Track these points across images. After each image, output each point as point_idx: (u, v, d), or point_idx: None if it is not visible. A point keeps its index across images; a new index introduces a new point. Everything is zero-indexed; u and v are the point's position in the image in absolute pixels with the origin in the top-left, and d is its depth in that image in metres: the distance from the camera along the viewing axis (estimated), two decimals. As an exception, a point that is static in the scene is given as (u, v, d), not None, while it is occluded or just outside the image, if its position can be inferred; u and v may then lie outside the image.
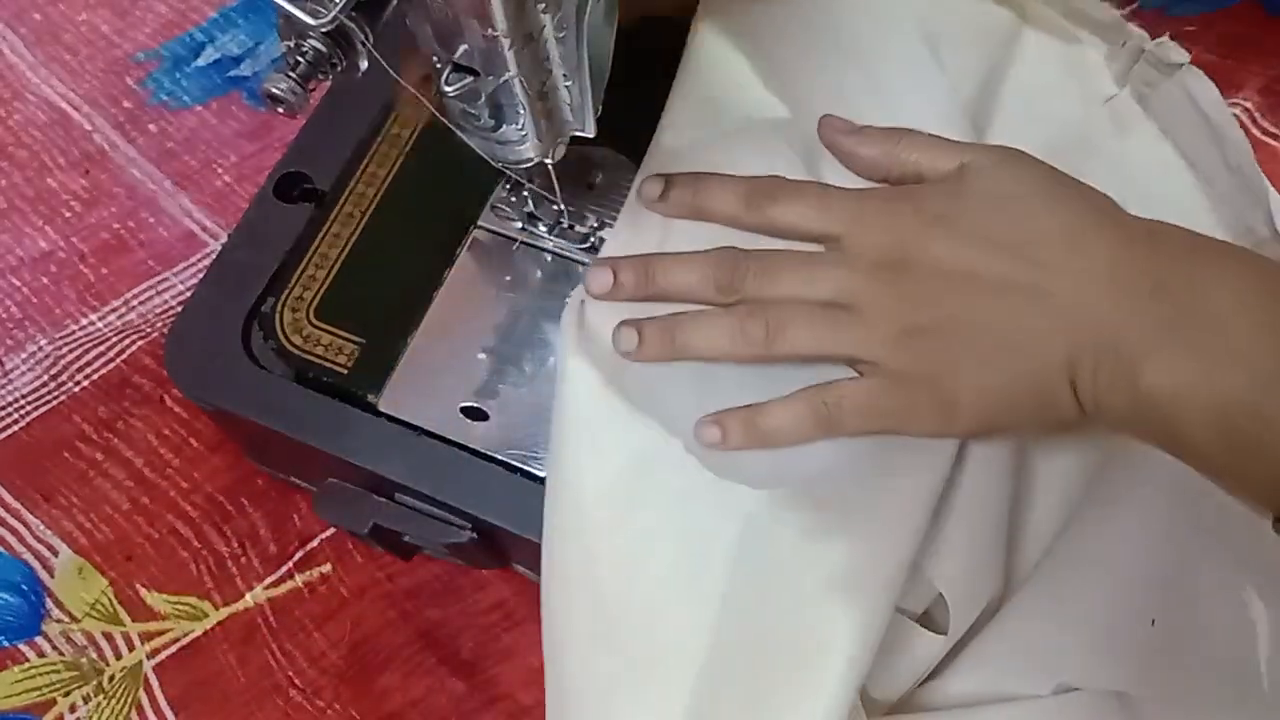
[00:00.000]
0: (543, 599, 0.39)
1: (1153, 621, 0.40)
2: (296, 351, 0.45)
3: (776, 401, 0.40)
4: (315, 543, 0.51)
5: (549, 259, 0.46)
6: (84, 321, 0.57)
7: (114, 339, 0.56)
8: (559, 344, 0.42)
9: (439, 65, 0.36)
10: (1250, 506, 0.38)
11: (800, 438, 0.40)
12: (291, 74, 0.33)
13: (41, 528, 0.52)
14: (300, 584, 0.50)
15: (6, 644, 0.50)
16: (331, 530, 0.51)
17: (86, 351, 0.56)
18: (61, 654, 0.49)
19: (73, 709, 0.48)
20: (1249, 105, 0.57)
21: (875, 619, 0.37)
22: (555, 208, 0.45)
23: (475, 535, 0.43)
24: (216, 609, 0.50)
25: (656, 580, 0.39)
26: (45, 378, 0.55)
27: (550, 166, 0.41)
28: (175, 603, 0.50)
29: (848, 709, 0.36)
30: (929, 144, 0.43)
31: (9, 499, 0.52)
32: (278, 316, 0.46)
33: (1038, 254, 0.38)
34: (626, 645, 0.38)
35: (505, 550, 0.47)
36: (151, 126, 0.62)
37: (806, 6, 0.49)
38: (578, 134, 0.39)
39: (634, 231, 0.44)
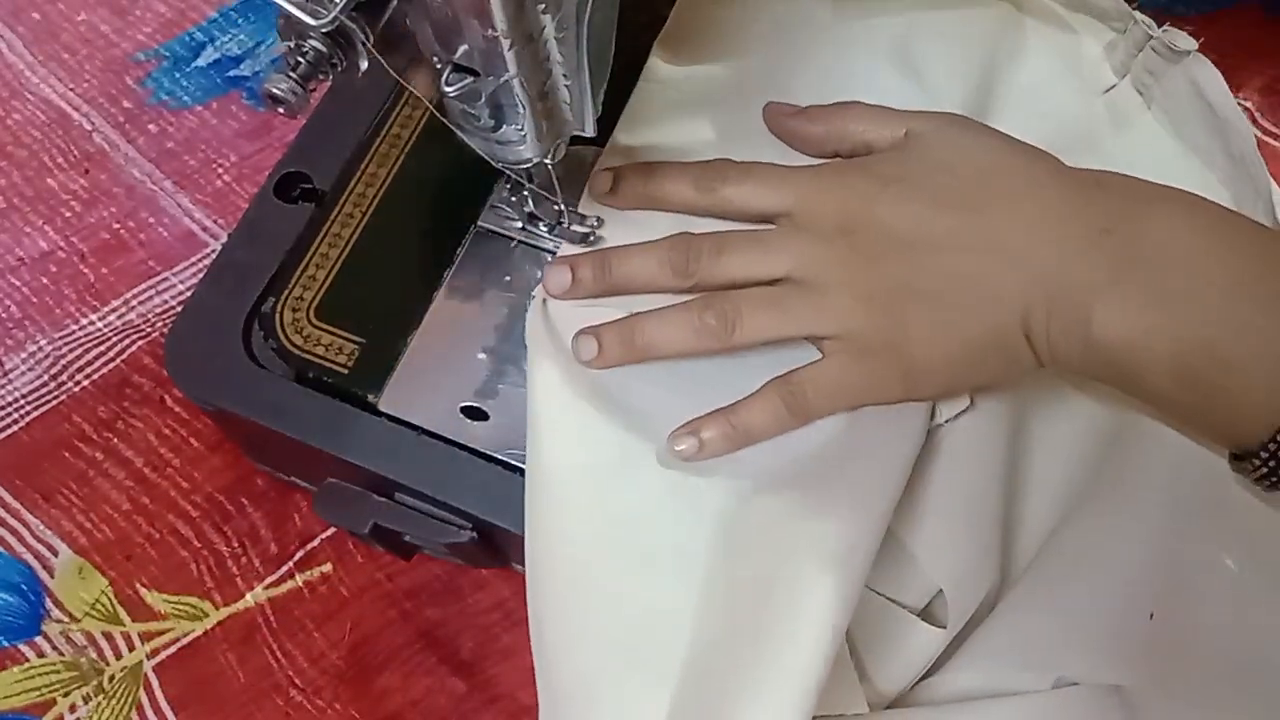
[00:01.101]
0: (528, 592, 0.39)
1: (1151, 615, 0.40)
2: (297, 351, 0.45)
3: (747, 401, 0.40)
4: (315, 543, 0.51)
5: (549, 259, 0.46)
6: (84, 321, 0.57)
7: (114, 339, 0.56)
8: (527, 345, 0.43)
9: (439, 65, 0.36)
10: (1207, 445, 0.39)
11: (776, 431, 0.40)
12: (292, 74, 0.33)
13: (41, 528, 0.52)
14: (300, 584, 0.50)
15: (6, 644, 0.50)
16: (331, 530, 0.51)
17: (86, 351, 0.56)
18: (61, 654, 0.49)
19: (73, 709, 0.48)
20: (1249, 105, 0.57)
21: (848, 592, 0.37)
22: (555, 208, 0.45)
23: (475, 535, 0.43)
24: (216, 609, 0.50)
25: (635, 567, 0.39)
26: (45, 378, 0.55)
27: (550, 166, 0.41)
28: (175, 603, 0.50)
29: (819, 684, 0.36)
30: (873, 115, 0.43)
31: (9, 499, 0.52)
32: (278, 316, 0.46)
33: (988, 210, 0.39)
34: (607, 633, 0.38)
35: (505, 550, 0.47)
36: (151, 126, 0.62)
37: (773, 34, 0.49)
38: (578, 134, 0.39)
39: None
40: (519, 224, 0.47)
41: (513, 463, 0.43)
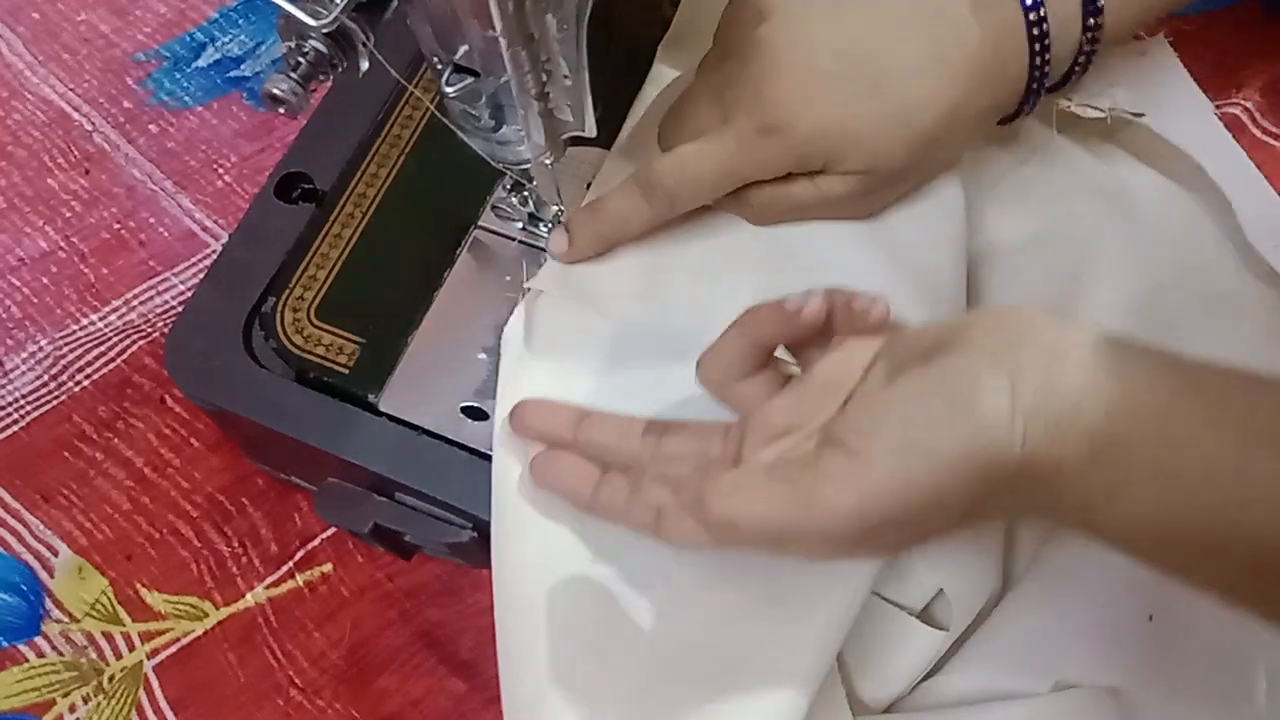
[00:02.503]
0: (494, 591, 0.39)
1: (1150, 617, 0.40)
2: (297, 351, 0.45)
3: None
4: (315, 543, 0.51)
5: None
6: (84, 321, 0.57)
7: (114, 339, 0.56)
8: (506, 340, 0.43)
9: (439, 65, 0.36)
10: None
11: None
12: (292, 74, 0.33)
13: (41, 528, 0.52)
14: (300, 584, 0.50)
15: (6, 644, 0.50)
16: (332, 530, 0.51)
17: (87, 351, 0.56)
18: (61, 654, 0.49)
19: (72, 709, 0.48)
20: (1249, 105, 0.56)
21: (845, 614, 0.36)
22: (555, 208, 0.45)
23: (475, 535, 0.43)
24: (217, 609, 0.50)
25: (597, 571, 0.39)
26: (45, 378, 0.55)
27: (550, 166, 0.41)
28: (175, 603, 0.50)
29: (813, 692, 0.35)
30: None
31: (9, 499, 0.52)
32: (278, 316, 0.46)
33: None
34: (563, 634, 0.38)
35: (505, 550, 0.47)
36: (152, 126, 0.62)
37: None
38: (578, 134, 0.39)
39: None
40: (519, 224, 0.47)
41: (513, 463, 0.43)
